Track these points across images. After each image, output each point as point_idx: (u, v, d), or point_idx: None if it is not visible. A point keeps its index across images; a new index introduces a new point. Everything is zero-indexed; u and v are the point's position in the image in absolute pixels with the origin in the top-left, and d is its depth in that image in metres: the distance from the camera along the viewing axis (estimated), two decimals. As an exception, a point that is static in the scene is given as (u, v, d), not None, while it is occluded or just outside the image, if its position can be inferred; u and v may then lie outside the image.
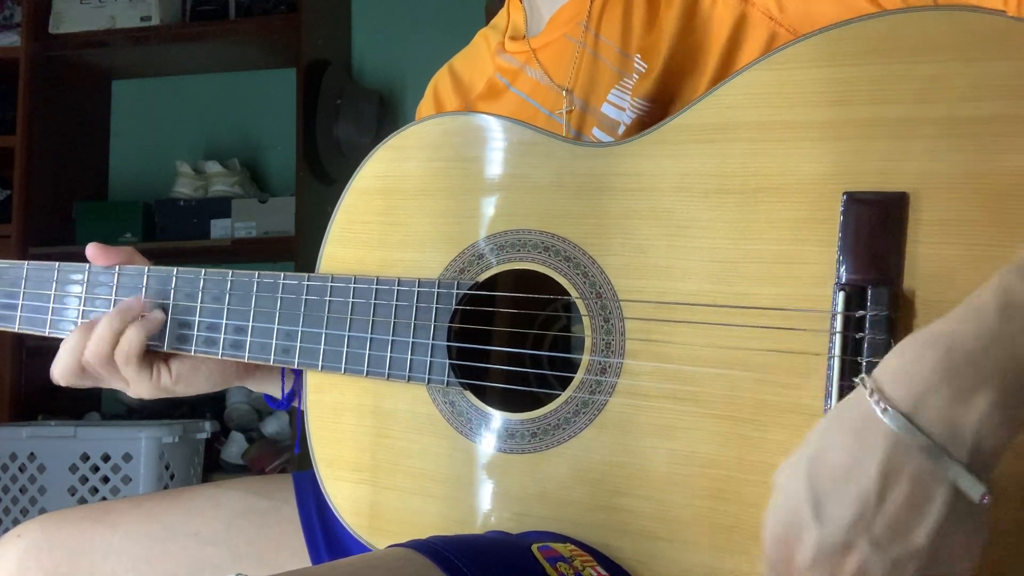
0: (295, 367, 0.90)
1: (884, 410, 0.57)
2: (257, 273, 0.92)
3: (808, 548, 0.59)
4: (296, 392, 1.01)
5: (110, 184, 3.28)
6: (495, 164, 0.85)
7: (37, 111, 2.94)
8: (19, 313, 1.00)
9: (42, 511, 2.28)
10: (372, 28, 3.18)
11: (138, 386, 0.96)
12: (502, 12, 1.07)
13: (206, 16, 3.03)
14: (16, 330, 1.00)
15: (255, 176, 3.18)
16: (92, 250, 0.98)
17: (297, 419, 1.01)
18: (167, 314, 0.95)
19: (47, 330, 0.99)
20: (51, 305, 0.98)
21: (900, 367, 0.58)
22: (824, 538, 0.59)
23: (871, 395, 0.58)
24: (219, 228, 2.93)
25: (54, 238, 2.94)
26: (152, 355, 0.96)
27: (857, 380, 0.59)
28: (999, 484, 0.58)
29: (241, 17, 3.02)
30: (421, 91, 1.14)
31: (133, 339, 0.92)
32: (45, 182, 2.97)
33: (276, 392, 1.03)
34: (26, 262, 1.00)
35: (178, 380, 0.98)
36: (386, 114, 3.04)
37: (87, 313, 0.97)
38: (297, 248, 2.81)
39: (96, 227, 2.99)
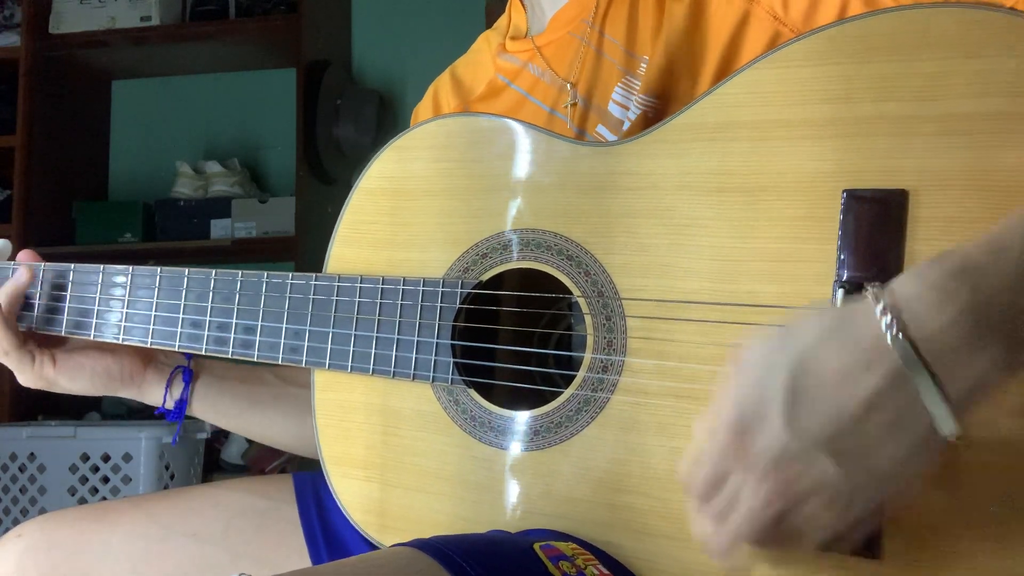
0: (303, 365, 0.90)
1: (895, 336, 0.55)
2: (266, 273, 0.93)
3: (768, 447, 0.58)
4: (186, 400, 1.04)
5: (110, 184, 3.28)
6: (498, 164, 0.85)
7: (37, 111, 2.94)
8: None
9: (42, 511, 2.28)
10: (372, 28, 3.18)
11: (20, 371, 1.00)
12: (504, 14, 1.07)
13: (206, 16, 3.03)
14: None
15: (255, 176, 3.18)
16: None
17: (177, 425, 1.06)
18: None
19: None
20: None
21: (921, 293, 0.56)
22: (789, 444, 0.58)
23: (884, 313, 0.56)
24: (219, 228, 2.93)
25: (54, 238, 2.94)
26: (36, 342, 1.00)
27: (869, 289, 0.57)
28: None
29: (241, 17, 3.02)
30: (421, 91, 1.14)
31: None
32: (45, 182, 2.97)
33: (159, 401, 1.05)
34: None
35: (61, 372, 1.00)
36: (386, 114, 3.04)
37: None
38: (297, 248, 2.81)
39: (96, 227, 2.99)
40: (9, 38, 3.03)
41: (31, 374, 1.01)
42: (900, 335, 0.55)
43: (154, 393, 1.05)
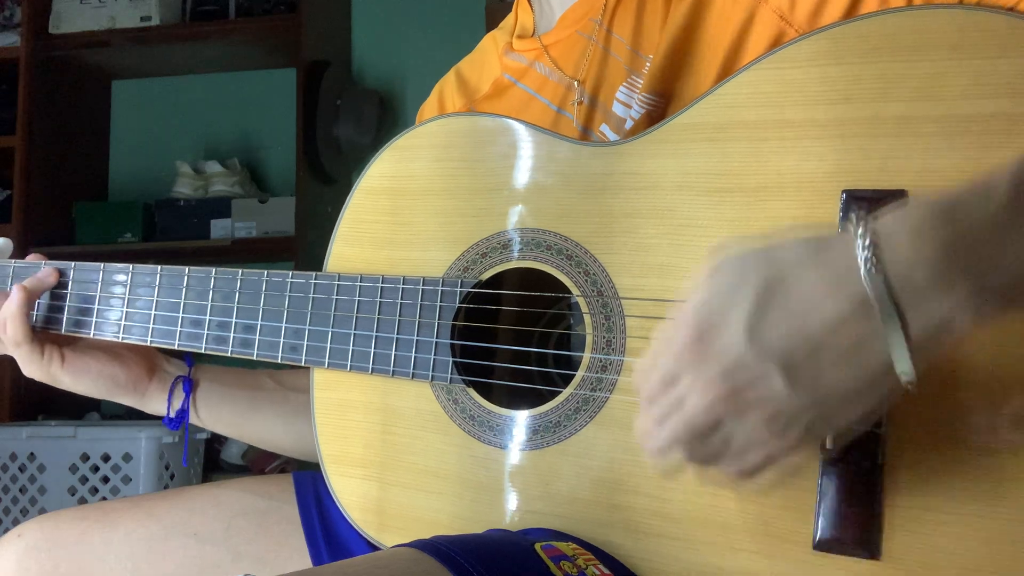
0: (302, 364, 0.90)
1: (869, 271, 0.55)
2: (266, 272, 0.93)
3: (724, 353, 0.59)
4: (187, 410, 1.05)
5: (110, 184, 3.28)
6: (499, 164, 0.85)
7: (37, 111, 2.94)
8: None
9: (42, 511, 2.28)
10: (372, 28, 3.18)
11: (28, 364, 1.01)
12: (511, 14, 1.07)
13: (206, 16, 3.03)
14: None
15: (255, 176, 3.18)
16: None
17: (185, 432, 1.06)
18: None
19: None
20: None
21: (902, 230, 0.56)
22: (745, 353, 0.58)
23: (864, 247, 0.56)
24: (219, 228, 2.93)
25: (54, 238, 2.94)
26: (48, 338, 1.01)
27: (854, 218, 0.57)
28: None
29: (241, 17, 3.02)
30: (421, 91, 1.15)
31: (15, 296, 0.97)
32: (45, 182, 2.96)
33: (162, 411, 1.05)
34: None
35: (66, 370, 1.01)
36: (386, 114, 3.04)
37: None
38: (297, 248, 2.81)
39: (96, 227, 2.99)
40: (9, 38, 3.02)
41: (37, 368, 1.01)
42: (873, 269, 0.55)
43: (156, 403, 1.06)
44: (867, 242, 0.56)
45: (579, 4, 0.97)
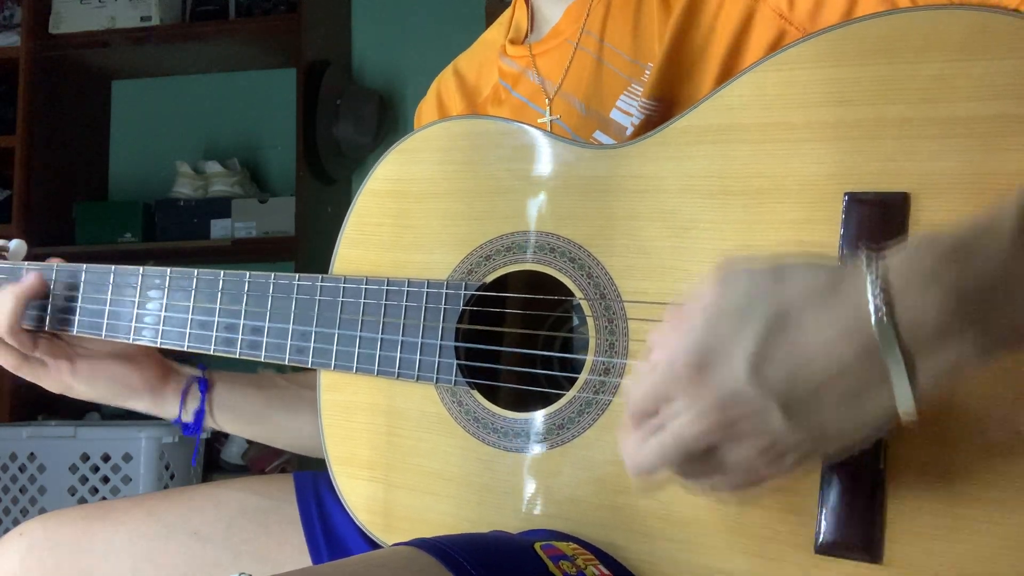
0: (309, 366, 0.91)
1: (880, 320, 0.55)
2: (273, 275, 0.93)
3: (723, 384, 0.58)
4: (203, 411, 1.04)
5: (110, 184, 3.28)
6: (502, 167, 0.85)
7: (37, 111, 2.94)
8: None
9: (42, 511, 2.28)
10: (372, 28, 3.18)
11: (38, 381, 1.00)
12: (509, 8, 1.07)
13: (206, 16, 3.03)
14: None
15: (255, 176, 3.18)
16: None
17: (196, 441, 1.05)
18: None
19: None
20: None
21: (913, 274, 0.56)
22: (744, 388, 0.57)
23: (876, 294, 0.55)
24: (219, 228, 2.93)
25: (54, 238, 2.93)
26: (48, 350, 1.00)
27: (864, 260, 0.57)
28: None
29: (241, 17, 3.02)
30: (421, 91, 1.14)
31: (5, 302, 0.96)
32: (45, 182, 2.96)
33: (176, 414, 1.05)
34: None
35: (78, 378, 1.01)
36: (386, 114, 3.04)
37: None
38: (297, 248, 2.81)
39: (96, 227, 2.99)
40: (9, 38, 3.02)
41: (50, 381, 1.01)
42: (885, 318, 0.55)
43: (171, 406, 1.05)
44: (878, 289, 0.55)
45: (571, 10, 0.97)
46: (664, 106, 0.88)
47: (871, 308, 0.55)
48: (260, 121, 3.19)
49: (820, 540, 0.68)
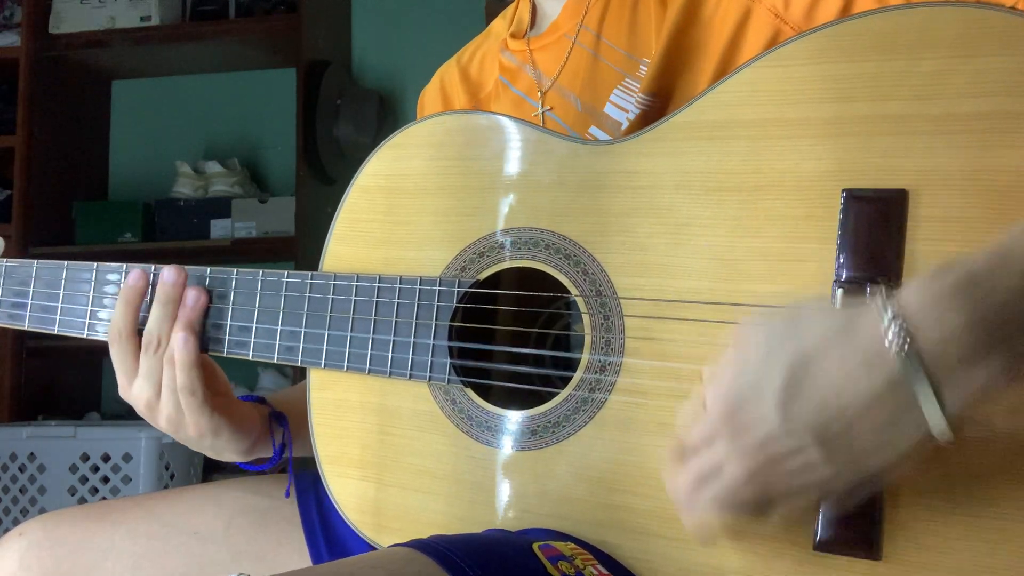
0: (298, 365, 0.90)
1: (901, 349, 0.56)
2: (261, 272, 0.92)
3: (758, 426, 0.60)
4: (289, 444, 0.97)
5: (110, 184, 3.28)
6: (496, 162, 0.85)
7: (37, 111, 2.94)
8: (28, 312, 0.98)
9: (42, 511, 2.28)
10: (372, 28, 3.18)
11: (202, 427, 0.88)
12: (515, 2, 1.07)
13: (206, 16, 3.03)
14: (26, 328, 0.98)
15: (255, 176, 3.18)
16: None
17: (288, 462, 0.98)
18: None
19: (56, 328, 0.97)
20: (60, 305, 0.97)
21: (928, 306, 0.57)
22: (779, 427, 0.59)
23: (892, 324, 0.56)
24: (219, 228, 2.93)
25: (54, 238, 2.94)
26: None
27: (875, 297, 0.58)
28: None
29: (241, 17, 3.02)
30: (421, 91, 1.14)
31: (181, 339, 0.87)
32: (45, 182, 2.97)
33: (267, 451, 0.96)
34: (35, 261, 0.99)
35: (227, 424, 0.90)
36: (386, 114, 3.04)
37: (94, 312, 0.96)
38: (297, 248, 2.82)
39: (96, 227, 2.99)
40: (9, 38, 3.03)
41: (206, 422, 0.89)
42: (907, 348, 0.56)
43: (263, 446, 0.96)
44: (897, 326, 0.57)
45: (566, 10, 0.97)
46: (661, 101, 0.88)
47: (890, 339, 0.56)
48: (260, 121, 3.19)
49: (819, 536, 0.68)
